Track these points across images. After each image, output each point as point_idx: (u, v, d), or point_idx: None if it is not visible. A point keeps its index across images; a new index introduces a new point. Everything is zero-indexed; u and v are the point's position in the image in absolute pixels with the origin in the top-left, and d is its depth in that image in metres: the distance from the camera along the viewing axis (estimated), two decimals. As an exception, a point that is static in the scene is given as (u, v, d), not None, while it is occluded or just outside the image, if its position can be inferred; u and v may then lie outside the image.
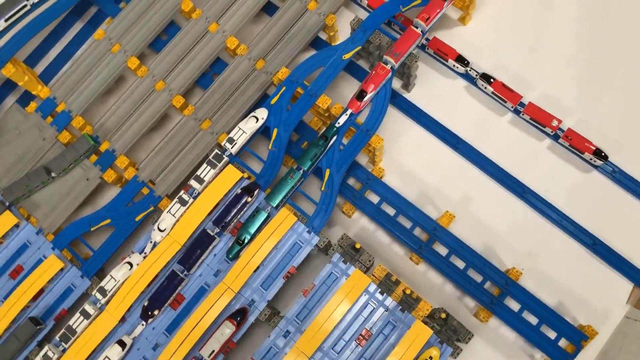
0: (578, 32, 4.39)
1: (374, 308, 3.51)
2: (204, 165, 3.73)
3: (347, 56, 3.98)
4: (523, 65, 4.32)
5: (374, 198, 4.07)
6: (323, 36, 4.44)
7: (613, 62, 4.30)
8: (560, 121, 4.07)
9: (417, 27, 3.89)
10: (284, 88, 3.95)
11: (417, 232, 3.98)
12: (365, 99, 3.82)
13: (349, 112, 3.85)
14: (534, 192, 4.07)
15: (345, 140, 4.01)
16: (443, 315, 3.51)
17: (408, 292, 3.53)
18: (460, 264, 3.90)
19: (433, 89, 4.35)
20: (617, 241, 3.94)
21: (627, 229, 3.98)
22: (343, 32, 4.44)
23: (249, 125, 3.81)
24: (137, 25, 4.31)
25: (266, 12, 4.47)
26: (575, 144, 4.04)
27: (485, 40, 4.40)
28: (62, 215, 4.00)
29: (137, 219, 3.92)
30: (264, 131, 3.97)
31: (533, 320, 3.77)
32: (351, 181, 4.13)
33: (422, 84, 4.36)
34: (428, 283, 3.99)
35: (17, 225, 3.90)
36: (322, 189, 3.76)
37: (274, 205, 3.66)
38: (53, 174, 4.01)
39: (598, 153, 3.99)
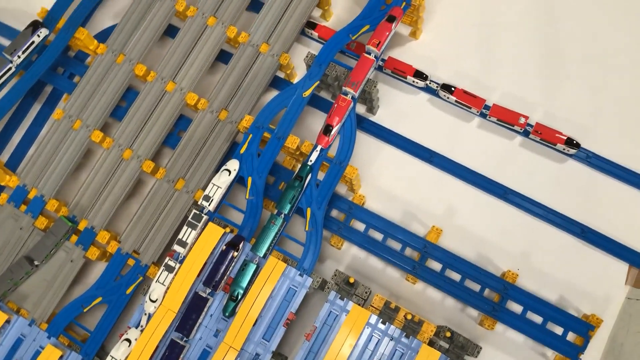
0: (528, 26, 4.45)
1: (379, 339, 3.49)
2: (185, 227, 3.71)
3: (306, 93, 3.99)
4: (481, 69, 4.36)
5: (360, 226, 4.06)
6: (281, 74, 4.45)
7: (566, 50, 4.36)
8: (527, 117, 4.11)
9: (370, 54, 3.91)
10: (250, 136, 3.95)
11: (408, 252, 3.98)
12: (332, 132, 3.83)
13: (319, 148, 3.85)
14: (515, 192, 4.09)
15: (321, 175, 4.01)
16: (448, 334, 3.50)
17: (409, 317, 3.51)
18: (456, 276, 3.90)
19: (397, 107, 4.38)
20: (605, 225, 3.97)
21: (612, 211, 4.01)
22: (300, 67, 4.46)
23: (223, 180, 3.80)
24: (95, 97, 4.30)
25: (221, 61, 4.48)
26: (546, 137, 4.07)
27: (440, 50, 4.44)
28: (53, 302, 3.94)
29: (128, 291, 3.88)
30: (240, 180, 3.95)
31: (537, 319, 3.77)
32: (334, 213, 4.12)
33: (385, 104, 4.38)
34: (428, 301, 3.98)
35: (8, 321, 3.83)
36: (307, 229, 3.74)
37: (262, 255, 3.64)
38: (36, 263, 3.96)
39: (570, 142, 4.03)
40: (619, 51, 4.31)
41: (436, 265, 3.95)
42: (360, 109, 4.39)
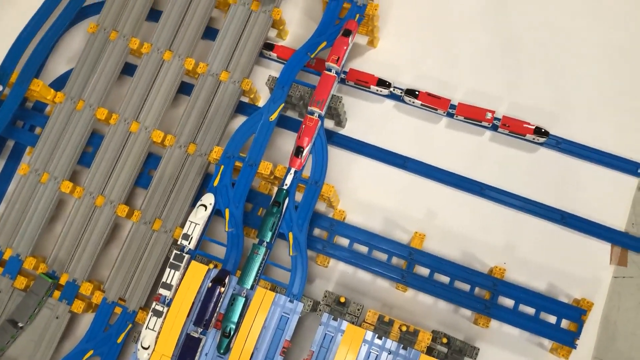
0: (482, 20, 4.48)
1: (377, 355, 3.47)
2: (167, 269, 3.65)
3: (273, 117, 3.96)
4: (441, 69, 4.38)
5: (344, 241, 4.05)
6: (245, 99, 4.41)
7: (522, 39, 4.40)
8: (493, 112, 4.14)
9: (330, 70, 3.90)
10: (222, 167, 3.91)
11: (395, 261, 3.98)
12: (304, 153, 3.81)
13: (292, 171, 3.83)
14: (491, 186, 4.12)
15: (298, 196, 3.99)
16: (445, 340, 3.50)
17: (404, 328, 3.51)
18: (445, 279, 3.91)
19: (365, 117, 4.38)
20: (583, 208, 4.02)
21: (588, 194, 4.06)
22: (264, 90, 4.43)
23: (200, 216, 3.75)
24: (59, 147, 4.22)
25: (183, 93, 4.43)
26: (514, 129, 4.10)
27: (399, 56, 4.45)
28: (43, 362, 3.86)
29: (119, 340, 3.81)
30: (217, 212, 3.91)
31: (530, 311, 3.80)
32: (316, 232, 4.11)
33: (353, 116, 4.38)
34: (421, 307, 3.98)
35: (-1, 389, 3.74)
36: (291, 253, 3.72)
37: (249, 287, 3.60)
38: (20, 325, 3.87)
39: (538, 131, 4.07)
40: (576, 35, 4.36)
41: (424, 271, 3.96)
42: (329, 124, 4.38)
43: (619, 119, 4.16)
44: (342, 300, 3.58)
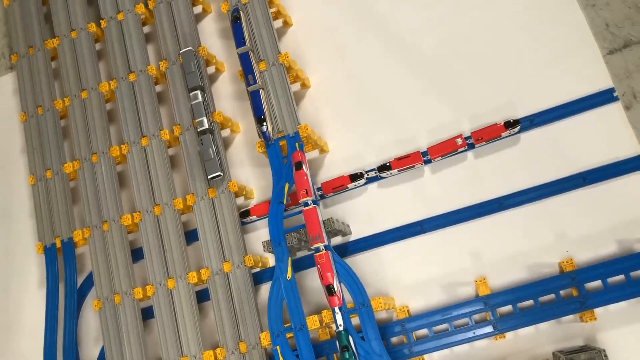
0: (392, 68, 4.55)
1: (523, 419, 3.32)
2: None
3: (289, 275, 3.99)
4: (392, 131, 4.44)
5: (423, 332, 3.98)
6: (256, 269, 4.45)
7: (437, 59, 4.47)
8: (460, 135, 4.17)
9: (307, 204, 3.97)
10: (278, 347, 3.89)
11: (477, 317, 3.88)
12: (336, 289, 3.81)
13: (337, 309, 3.81)
14: (506, 195, 4.09)
15: (354, 321, 3.94)
16: (570, 364, 3.36)
17: (529, 380, 3.38)
18: (529, 303, 3.82)
19: (362, 213, 4.41)
20: (594, 159, 3.96)
21: (588, 144, 4.01)
22: (266, 253, 4.48)
23: (289, 403, 3.70)
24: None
25: (204, 299, 4.47)
26: (488, 137, 4.13)
27: (352, 145, 4.53)
28: None
29: None
30: (301, 385, 3.85)
31: (621, 278, 3.68)
32: (394, 340, 4.04)
33: (351, 219, 4.41)
34: (528, 341, 3.86)
35: None
36: (387, 382, 3.64)
37: None
38: None
39: (509, 124, 4.08)
40: (478, 25, 4.43)
41: (507, 309, 3.86)
42: (337, 240, 4.41)
43: (564, 66, 4.17)
44: (459, 392, 3.47)
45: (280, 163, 4.22)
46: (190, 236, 4.59)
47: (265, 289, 4.42)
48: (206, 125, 4.34)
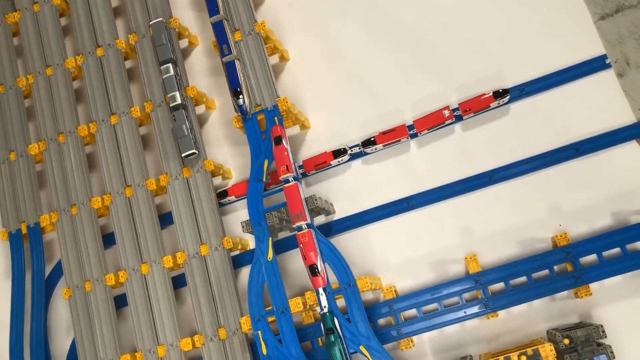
0: (374, 42, 4.32)
1: (519, 399, 3.16)
2: None
3: (270, 256, 3.78)
4: (377, 105, 4.22)
5: (412, 313, 3.80)
6: (236, 252, 4.23)
7: (420, 32, 4.22)
8: (448, 107, 3.98)
9: (288, 181, 3.75)
10: (259, 332, 3.68)
11: (468, 296, 3.71)
12: (320, 270, 3.60)
13: (321, 290, 3.61)
14: (497, 168, 3.92)
15: (340, 303, 3.74)
16: (567, 341, 3.20)
17: (524, 358, 3.21)
18: (522, 280, 3.66)
19: (346, 191, 4.21)
20: (586, 129, 3.80)
21: (580, 113, 3.85)
22: (246, 234, 4.26)
23: (272, 391, 3.50)
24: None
25: (181, 285, 4.24)
26: (477, 107, 3.94)
27: (334, 120, 4.31)
28: None
29: None
30: (285, 372, 3.65)
31: (616, 251, 3.52)
32: (382, 322, 3.86)
33: (335, 197, 4.21)
34: (522, 319, 3.70)
35: None
36: (377, 365, 3.45)
37: None
38: None
39: (498, 94, 3.90)
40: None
41: (499, 286, 3.69)
42: (320, 219, 4.20)
43: (554, 33, 3.99)
44: (452, 374, 3.29)
45: (258, 138, 3.99)
46: (165, 219, 4.34)
47: (245, 273, 4.21)
48: (179, 101, 4.09)
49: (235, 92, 3.94)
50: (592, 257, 3.57)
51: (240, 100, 3.93)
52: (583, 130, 3.81)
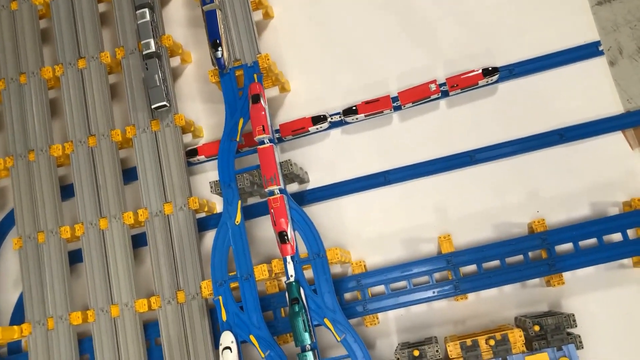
0: (362, 11, 4.14)
1: (483, 383, 3.08)
2: None
3: (238, 219, 3.59)
4: (361, 74, 4.05)
5: (379, 289, 3.68)
6: (202, 214, 4.04)
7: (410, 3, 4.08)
8: (434, 81, 3.83)
9: (263, 142, 3.56)
10: (220, 298, 3.51)
11: (438, 276, 3.60)
12: (290, 236, 3.44)
13: (289, 259, 3.45)
14: (479, 149, 3.80)
15: (307, 274, 3.59)
16: (537, 328, 3.12)
17: (492, 342, 3.12)
18: (495, 264, 3.57)
19: (322, 160, 4.04)
20: (574, 115, 3.72)
21: (568, 99, 3.75)
22: (215, 197, 4.06)
23: (229, 358, 3.34)
24: (56, 376, 3.77)
25: (141, 244, 4.02)
26: (464, 84, 3.81)
27: (316, 86, 4.12)
28: None
29: None
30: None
31: (593, 242, 3.46)
32: (348, 296, 3.73)
33: (310, 165, 4.04)
34: (491, 303, 3.63)
35: None
36: (339, 339, 3.32)
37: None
38: None
39: (487, 72, 3.77)
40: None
41: (471, 268, 3.60)
42: (293, 187, 4.03)
43: (548, 15, 3.86)
44: (417, 353, 3.19)
45: (235, 95, 3.77)
46: (129, 175, 4.11)
47: (209, 237, 4.02)
48: (153, 49, 3.84)
49: (214, 44, 3.70)
50: (568, 246, 3.49)
51: (219, 53, 3.70)
52: (569, 116, 3.72)
